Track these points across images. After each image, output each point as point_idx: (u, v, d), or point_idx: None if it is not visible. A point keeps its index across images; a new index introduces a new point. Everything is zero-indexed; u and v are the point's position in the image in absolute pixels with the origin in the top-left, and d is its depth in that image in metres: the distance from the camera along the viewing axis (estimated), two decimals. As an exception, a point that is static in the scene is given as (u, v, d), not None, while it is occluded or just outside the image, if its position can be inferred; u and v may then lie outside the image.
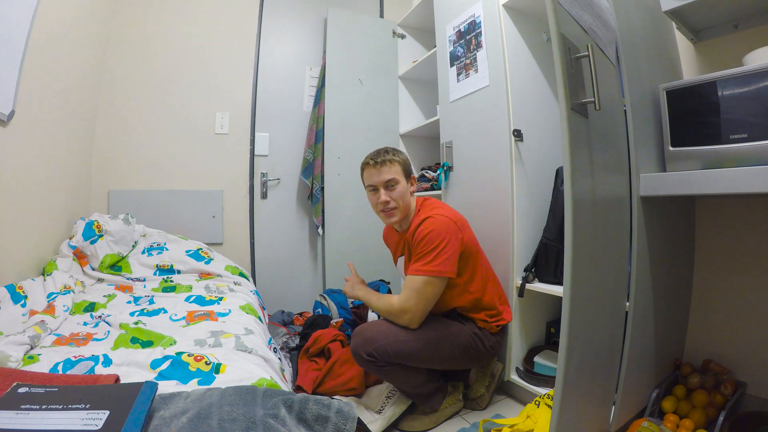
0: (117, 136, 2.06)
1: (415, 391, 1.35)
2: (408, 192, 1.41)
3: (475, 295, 1.38)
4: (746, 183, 0.92)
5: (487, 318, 1.40)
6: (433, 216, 1.32)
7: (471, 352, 1.37)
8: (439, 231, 1.28)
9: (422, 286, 1.25)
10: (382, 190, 1.37)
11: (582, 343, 0.99)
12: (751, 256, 1.32)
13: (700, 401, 1.26)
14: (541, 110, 1.62)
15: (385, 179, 1.37)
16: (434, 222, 1.30)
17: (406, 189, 1.40)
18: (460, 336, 1.35)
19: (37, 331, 0.99)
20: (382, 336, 1.28)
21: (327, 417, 0.64)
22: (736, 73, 1.03)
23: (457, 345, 1.34)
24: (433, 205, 1.42)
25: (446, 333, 1.33)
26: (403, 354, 1.27)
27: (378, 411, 1.34)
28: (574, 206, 0.91)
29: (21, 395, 0.60)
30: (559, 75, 0.90)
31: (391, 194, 1.37)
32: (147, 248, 1.80)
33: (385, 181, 1.37)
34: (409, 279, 1.27)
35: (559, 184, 1.48)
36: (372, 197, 1.41)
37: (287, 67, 2.42)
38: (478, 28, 1.66)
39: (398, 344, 1.27)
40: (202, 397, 0.65)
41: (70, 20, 1.62)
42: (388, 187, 1.38)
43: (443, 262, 1.26)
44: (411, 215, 1.42)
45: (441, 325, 1.35)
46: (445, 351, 1.32)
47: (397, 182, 1.38)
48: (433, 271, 1.25)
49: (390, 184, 1.38)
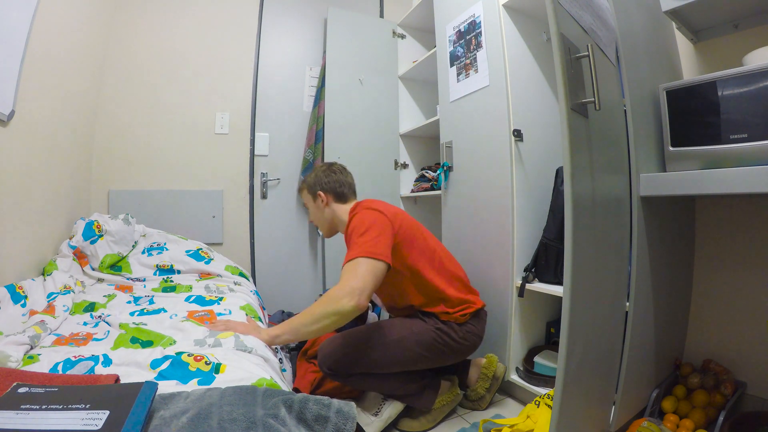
0: (117, 136, 2.06)
1: (398, 393, 1.34)
2: (320, 208, 1.46)
3: (426, 289, 1.34)
4: (746, 183, 0.93)
5: (448, 309, 1.35)
6: (358, 213, 1.33)
7: (440, 348, 1.33)
8: (361, 220, 1.27)
9: (359, 268, 1.14)
10: None
11: (582, 343, 0.99)
12: (751, 256, 1.32)
13: (700, 401, 1.26)
14: (541, 110, 1.62)
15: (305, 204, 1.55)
16: (360, 216, 1.30)
17: (314, 208, 1.48)
18: (422, 334, 1.31)
19: (37, 331, 0.99)
20: (339, 349, 1.28)
21: (327, 417, 0.64)
22: (736, 73, 1.03)
23: (419, 343, 1.30)
24: (363, 205, 1.39)
25: (405, 333, 1.30)
26: (363, 363, 1.27)
27: (374, 414, 1.33)
28: (574, 206, 0.91)
29: (21, 395, 0.60)
30: (559, 75, 0.91)
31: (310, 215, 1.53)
32: (147, 248, 1.80)
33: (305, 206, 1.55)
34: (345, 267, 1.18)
35: (559, 184, 1.48)
36: None
37: (287, 67, 2.42)
38: (478, 28, 1.66)
39: (356, 354, 1.27)
40: (202, 397, 0.65)
41: (70, 20, 1.62)
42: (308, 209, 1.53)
43: (373, 243, 1.19)
44: (343, 223, 1.43)
45: (399, 325, 1.33)
46: (409, 352, 1.29)
47: (307, 205, 1.52)
48: (365, 252, 1.16)
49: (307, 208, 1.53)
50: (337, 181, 1.46)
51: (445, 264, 1.40)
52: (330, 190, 1.45)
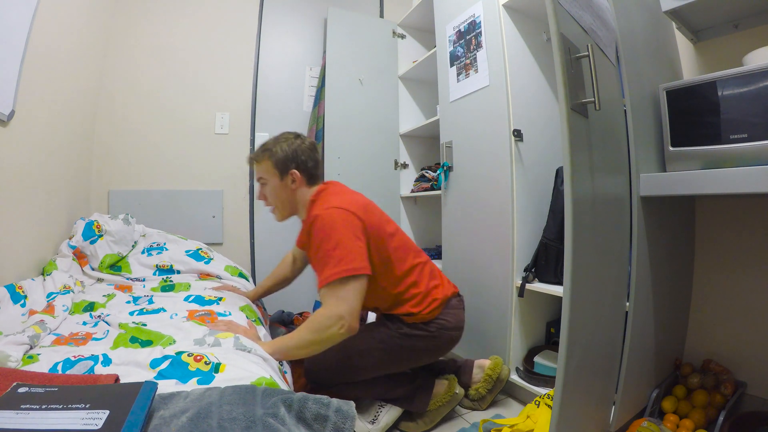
0: (117, 136, 2.06)
1: (386, 397, 1.32)
2: (285, 189, 1.27)
3: (390, 290, 1.26)
4: (746, 183, 0.93)
5: (413, 309, 1.27)
6: (321, 214, 1.15)
7: (409, 353, 1.29)
8: (331, 225, 1.12)
9: (341, 291, 1.08)
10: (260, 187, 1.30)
11: (582, 343, 0.99)
12: (751, 256, 1.32)
13: (700, 401, 1.26)
14: (541, 110, 1.62)
15: (257, 178, 1.30)
16: (323, 220, 1.13)
17: (279, 187, 1.27)
18: (386, 342, 1.27)
19: (36, 331, 0.98)
20: (318, 362, 1.27)
21: (326, 416, 0.64)
22: (736, 73, 1.03)
23: (386, 351, 1.26)
24: (328, 196, 1.25)
25: (371, 344, 1.27)
26: (341, 374, 1.27)
27: (371, 421, 1.31)
28: (574, 206, 0.91)
29: (21, 395, 0.60)
30: (559, 75, 0.91)
31: (264, 193, 1.30)
32: (147, 248, 1.80)
33: (257, 180, 1.30)
34: (325, 290, 1.10)
35: (559, 184, 1.48)
36: None
37: (287, 67, 2.42)
38: (478, 28, 1.66)
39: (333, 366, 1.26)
40: (202, 397, 0.65)
41: (71, 20, 1.62)
42: (262, 185, 1.30)
43: (350, 257, 1.09)
44: (305, 209, 1.29)
45: (366, 335, 1.28)
46: (378, 361, 1.27)
47: (265, 181, 1.28)
48: (344, 271, 1.07)
49: (262, 182, 1.29)
50: (315, 161, 1.30)
51: (410, 253, 1.32)
52: (305, 171, 1.28)
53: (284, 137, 1.30)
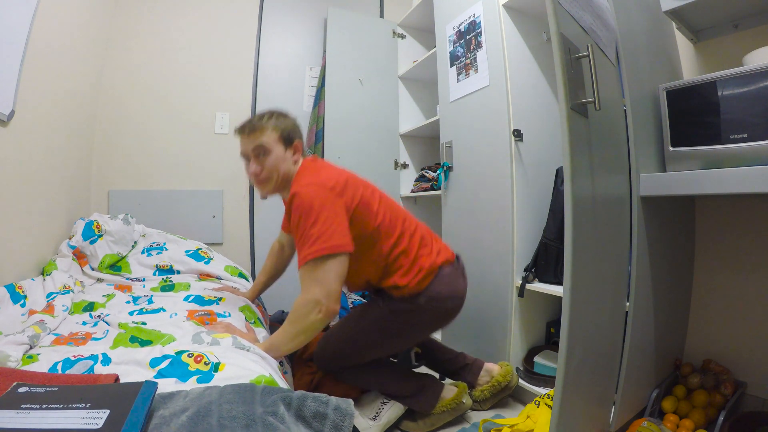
0: (117, 136, 2.06)
1: (395, 393, 1.33)
2: (285, 161, 1.23)
3: (379, 262, 1.22)
4: (746, 183, 0.93)
5: (399, 281, 1.21)
6: (299, 192, 1.10)
7: (404, 328, 1.27)
8: (309, 202, 1.08)
9: (318, 271, 1.04)
10: (252, 159, 1.23)
11: (582, 343, 0.99)
12: (751, 256, 1.32)
13: (700, 401, 1.26)
14: (541, 110, 1.62)
15: (253, 147, 1.22)
16: (301, 198, 1.09)
17: (281, 157, 1.22)
18: (379, 321, 1.26)
19: (36, 331, 0.99)
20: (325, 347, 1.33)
21: (325, 414, 0.64)
22: (736, 73, 1.03)
23: (381, 330, 1.26)
24: (308, 172, 1.21)
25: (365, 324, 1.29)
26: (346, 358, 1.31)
27: (373, 418, 1.31)
28: (574, 206, 0.91)
29: (21, 395, 0.60)
30: (559, 75, 0.91)
31: (259, 165, 1.21)
32: (146, 248, 1.80)
33: (253, 150, 1.22)
34: (302, 271, 1.07)
35: (559, 184, 1.48)
36: (245, 168, 1.27)
37: (287, 67, 2.42)
38: (478, 28, 1.66)
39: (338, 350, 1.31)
40: (201, 396, 0.65)
41: (70, 20, 1.62)
42: (258, 156, 1.22)
43: (327, 236, 1.05)
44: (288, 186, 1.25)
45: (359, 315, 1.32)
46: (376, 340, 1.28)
47: (268, 151, 1.21)
48: (322, 250, 1.04)
49: (259, 152, 1.21)
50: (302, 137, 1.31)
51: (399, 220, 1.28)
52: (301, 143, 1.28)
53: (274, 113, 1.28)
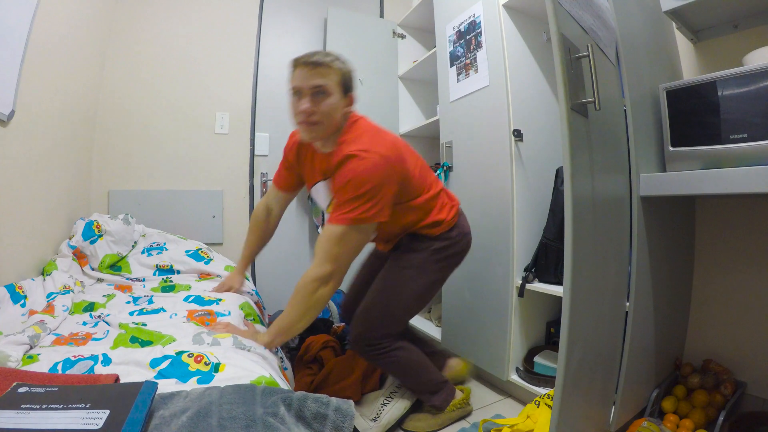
0: (117, 136, 2.06)
1: (421, 386, 1.33)
2: (340, 108, 1.15)
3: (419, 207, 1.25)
4: (746, 183, 0.93)
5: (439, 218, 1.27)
6: (360, 156, 1.06)
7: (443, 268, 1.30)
8: (369, 175, 1.05)
9: (343, 242, 1.04)
10: (308, 97, 1.11)
11: (582, 343, 0.99)
12: (751, 256, 1.32)
13: (700, 401, 1.26)
14: (541, 110, 1.62)
15: (313, 84, 1.11)
16: (363, 164, 1.05)
17: (338, 104, 1.14)
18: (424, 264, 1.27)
19: (36, 331, 0.98)
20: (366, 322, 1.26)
21: (326, 415, 0.64)
22: (736, 73, 1.03)
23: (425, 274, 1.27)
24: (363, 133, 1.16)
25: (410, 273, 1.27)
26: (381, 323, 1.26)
27: (373, 419, 1.32)
28: (574, 206, 0.91)
29: (21, 395, 0.60)
30: (559, 75, 0.91)
31: (315, 104, 1.11)
32: (147, 248, 1.80)
33: (312, 87, 1.11)
34: (329, 229, 1.06)
35: (559, 184, 1.48)
36: (294, 104, 1.14)
37: (287, 67, 2.41)
38: (478, 28, 1.66)
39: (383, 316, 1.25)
40: (202, 396, 0.65)
41: (70, 20, 1.62)
42: (316, 94, 1.11)
43: (372, 209, 1.06)
44: (337, 137, 1.17)
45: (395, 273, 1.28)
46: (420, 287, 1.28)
47: (328, 92, 1.12)
48: (360, 219, 1.04)
49: (319, 91, 1.11)
50: None
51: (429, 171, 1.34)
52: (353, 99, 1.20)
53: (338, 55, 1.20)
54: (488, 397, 1.58)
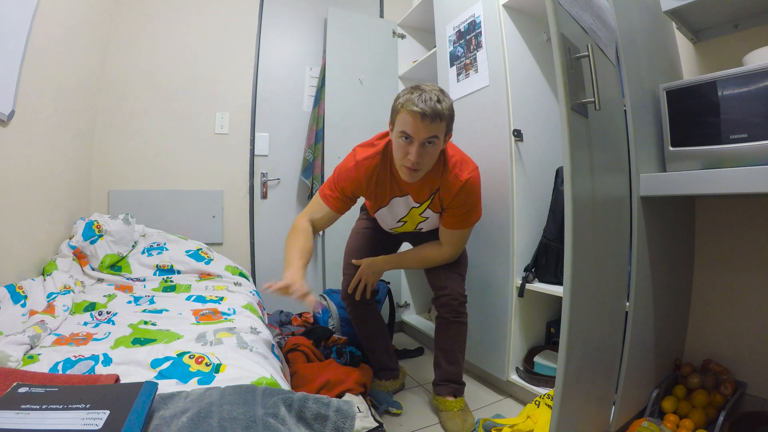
0: (117, 136, 2.06)
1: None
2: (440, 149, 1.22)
3: None
4: (746, 183, 0.93)
5: None
6: (474, 177, 1.30)
7: None
8: (479, 190, 1.35)
9: (466, 236, 1.43)
10: (417, 145, 1.14)
11: (582, 343, 0.99)
12: (751, 256, 1.32)
13: (700, 401, 1.26)
14: (541, 110, 1.62)
15: (427, 137, 1.14)
16: (477, 183, 1.33)
17: (440, 147, 1.21)
18: None
19: (36, 331, 0.99)
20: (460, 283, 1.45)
21: (326, 416, 0.64)
22: (736, 73, 1.03)
23: None
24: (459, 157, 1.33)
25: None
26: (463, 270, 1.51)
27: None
28: (574, 206, 0.91)
29: (21, 395, 0.60)
30: (559, 75, 0.91)
31: (423, 155, 1.16)
32: (147, 248, 1.80)
33: (426, 138, 1.14)
34: (458, 233, 1.38)
35: (559, 184, 1.48)
36: (402, 146, 1.18)
37: (287, 67, 2.42)
38: (478, 28, 1.66)
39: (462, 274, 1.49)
40: (202, 397, 0.65)
41: (70, 20, 1.62)
42: (424, 144, 1.15)
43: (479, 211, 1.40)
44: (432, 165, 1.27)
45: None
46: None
47: (438, 141, 1.17)
48: (474, 222, 1.39)
49: (429, 141, 1.15)
50: None
51: None
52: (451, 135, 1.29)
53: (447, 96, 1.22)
54: (488, 397, 1.58)
